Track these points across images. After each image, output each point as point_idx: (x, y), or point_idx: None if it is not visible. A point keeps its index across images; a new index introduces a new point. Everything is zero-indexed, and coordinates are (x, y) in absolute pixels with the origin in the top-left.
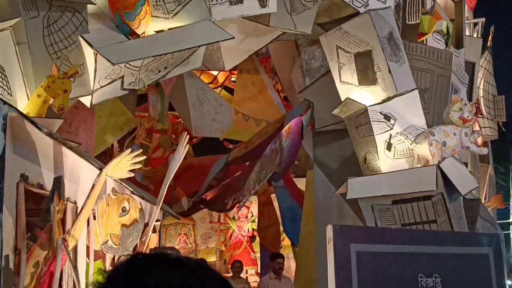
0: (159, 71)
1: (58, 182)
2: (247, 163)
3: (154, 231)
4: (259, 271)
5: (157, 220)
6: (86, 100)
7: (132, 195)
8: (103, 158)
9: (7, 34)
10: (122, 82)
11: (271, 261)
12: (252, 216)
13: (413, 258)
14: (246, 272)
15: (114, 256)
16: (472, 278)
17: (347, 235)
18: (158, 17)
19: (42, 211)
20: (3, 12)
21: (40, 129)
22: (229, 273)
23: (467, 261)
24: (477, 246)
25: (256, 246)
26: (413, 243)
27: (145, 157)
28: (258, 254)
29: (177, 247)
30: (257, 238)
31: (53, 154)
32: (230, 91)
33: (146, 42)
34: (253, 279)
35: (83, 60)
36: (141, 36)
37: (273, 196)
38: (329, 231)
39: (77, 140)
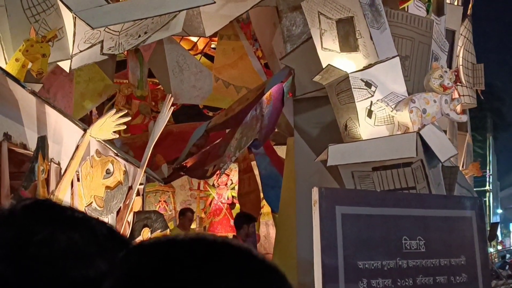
0: (139, 36)
1: (42, 142)
2: (227, 130)
3: (138, 194)
4: None
5: (140, 184)
6: (65, 65)
7: (116, 157)
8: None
9: None
10: (102, 47)
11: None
12: (232, 183)
13: (397, 220)
14: None
15: (97, 218)
16: (455, 240)
17: (332, 197)
18: None
19: (23, 172)
20: None
21: (23, 87)
22: None
23: (451, 224)
24: (460, 209)
25: (236, 213)
26: (397, 206)
27: (129, 118)
28: None
29: None
30: (237, 205)
31: (36, 113)
32: (210, 58)
33: (126, 6)
34: None
35: (61, 23)
36: (120, 0)
37: (253, 163)
38: (315, 193)
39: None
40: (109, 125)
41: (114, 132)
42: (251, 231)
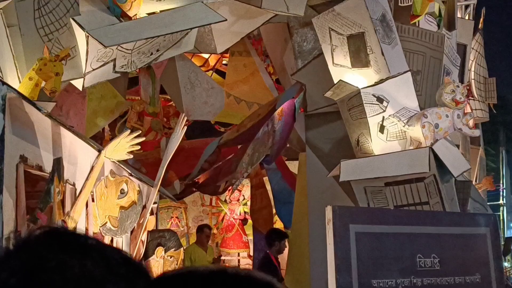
0: (151, 53)
1: (58, 164)
2: (239, 146)
3: (151, 213)
4: (251, 253)
5: (154, 203)
6: (78, 83)
7: (130, 177)
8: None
9: None
10: (114, 65)
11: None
12: (244, 199)
13: (411, 238)
14: (238, 255)
15: (112, 238)
16: (470, 258)
17: (346, 216)
18: None
19: (39, 194)
20: None
21: (39, 109)
22: (221, 255)
23: (465, 241)
24: (475, 226)
25: (248, 229)
26: (411, 224)
27: (143, 138)
28: (250, 237)
29: None
30: (249, 220)
31: (51, 135)
32: (222, 74)
33: (138, 24)
34: (245, 262)
35: (74, 42)
36: (133, 18)
37: (265, 179)
38: (329, 212)
39: (68, 124)
40: (123, 145)
41: (129, 152)
42: (283, 248)
